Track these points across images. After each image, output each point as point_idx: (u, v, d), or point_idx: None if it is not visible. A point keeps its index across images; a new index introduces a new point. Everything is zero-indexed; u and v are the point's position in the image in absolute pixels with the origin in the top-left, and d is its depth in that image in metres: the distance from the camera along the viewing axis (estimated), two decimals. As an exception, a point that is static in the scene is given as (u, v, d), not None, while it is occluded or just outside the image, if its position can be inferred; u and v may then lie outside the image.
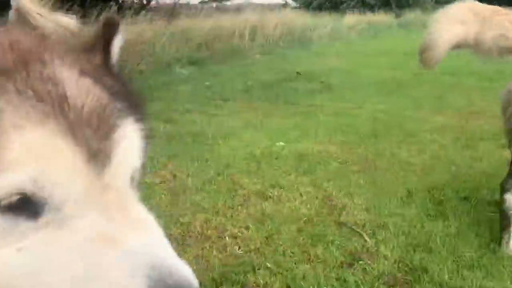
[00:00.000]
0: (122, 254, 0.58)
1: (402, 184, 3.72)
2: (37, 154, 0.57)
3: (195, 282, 0.60)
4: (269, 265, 2.54)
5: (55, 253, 0.57)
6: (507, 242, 2.69)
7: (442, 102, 6.74)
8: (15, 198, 0.56)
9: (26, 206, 0.56)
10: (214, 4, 19.38)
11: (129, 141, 0.69)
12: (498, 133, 2.94)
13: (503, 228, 2.73)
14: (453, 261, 2.58)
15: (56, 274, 0.56)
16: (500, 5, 3.00)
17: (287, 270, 2.52)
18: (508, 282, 2.38)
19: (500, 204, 2.78)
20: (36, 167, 0.57)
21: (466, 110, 6.22)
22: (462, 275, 2.45)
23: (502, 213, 2.73)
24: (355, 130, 5.25)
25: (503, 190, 2.84)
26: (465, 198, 3.42)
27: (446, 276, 2.43)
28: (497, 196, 2.93)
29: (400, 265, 2.58)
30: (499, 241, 2.74)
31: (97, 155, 0.63)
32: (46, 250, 0.57)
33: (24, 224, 0.57)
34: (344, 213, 3.19)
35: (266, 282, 2.41)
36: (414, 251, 2.70)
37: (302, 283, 2.37)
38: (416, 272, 2.48)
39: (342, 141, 4.81)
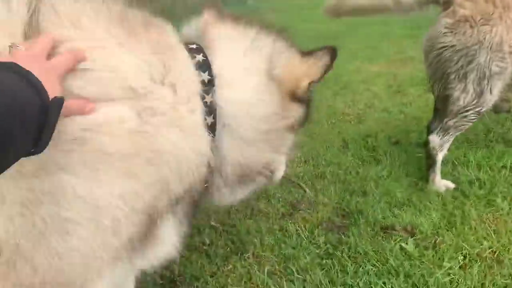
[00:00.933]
0: None
1: (338, 134, 3.86)
2: None
3: None
4: (213, 223, 2.60)
5: None
6: (433, 180, 2.89)
7: (375, 52, 6.94)
8: None
9: None
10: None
11: None
12: (426, 78, 3.09)
13: (429, 167, 2.93)
14: (386, 201, 2.75)
15: None
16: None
17: (231, 227, 2.60)
18: (434, 216, 2.58)
19: (425, 145, 2.97)
20: None
21: (397, 57, 6.46)
22: (393, 213, 2.63)
23: (428, 152, 2.93)
24: (293, 85, 5.32)
25: (429, 131, 3.03)
26: (396, 142, 3.62)
27: (380, 216, 2.59)
28: (424, 138, 3.11)
29: (338, 211, 2.72)
30: (426, 179, 2.95)
31: None
32: None
33: None
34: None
35: (212, 241, 2.47)
36: (351, 196, 2.84)
37: (246, 237, 2.46)
38: (352, 215, 2.63)
39: (281, 97, 4.86)
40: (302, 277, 2.13)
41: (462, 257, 2.24)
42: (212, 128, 1.19)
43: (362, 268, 2.18)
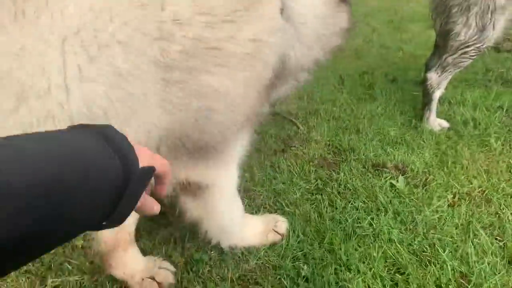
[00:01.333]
0: None
1: (335, 70, 3.77)
2: None
3: None
4: (204, 158, 2.58)
5: None
6: (428, 118, 2.86)
7: (377, -15, 6.65)
8: None
9: None
10: None
11: None
12: (428, 14, 2.96)
13: (425, 105, 2.88)
14: (378, 139, 2.73)
15: None
16: None
17: (223, 162, 2.58)
18: (427, 154, 2.57)
19: (423, 82, 2.90)
20: None
21: (400, -8, 6.20)
22: (386, 151, 2.61)
23: (424, 90, 2.87)
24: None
25: (427, 68, 2.95)
26: (393, 80, 3.55)
27: (371, 154, 2.58)
28: (422, 76, 3.03)
29: (330, 147, 2.70)
30: (420, 117, 2.91)
31: None
32: None
33: None
34: (277, 103, 3.23)
35: (203, 175, 2.46)
36: (343, 133, 2.81)
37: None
38: (344, 152, 2.61)
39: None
40: (291, 210, 2.15)
41: (451, 195, 2.26)
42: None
43: (351, 204, 2.19)
